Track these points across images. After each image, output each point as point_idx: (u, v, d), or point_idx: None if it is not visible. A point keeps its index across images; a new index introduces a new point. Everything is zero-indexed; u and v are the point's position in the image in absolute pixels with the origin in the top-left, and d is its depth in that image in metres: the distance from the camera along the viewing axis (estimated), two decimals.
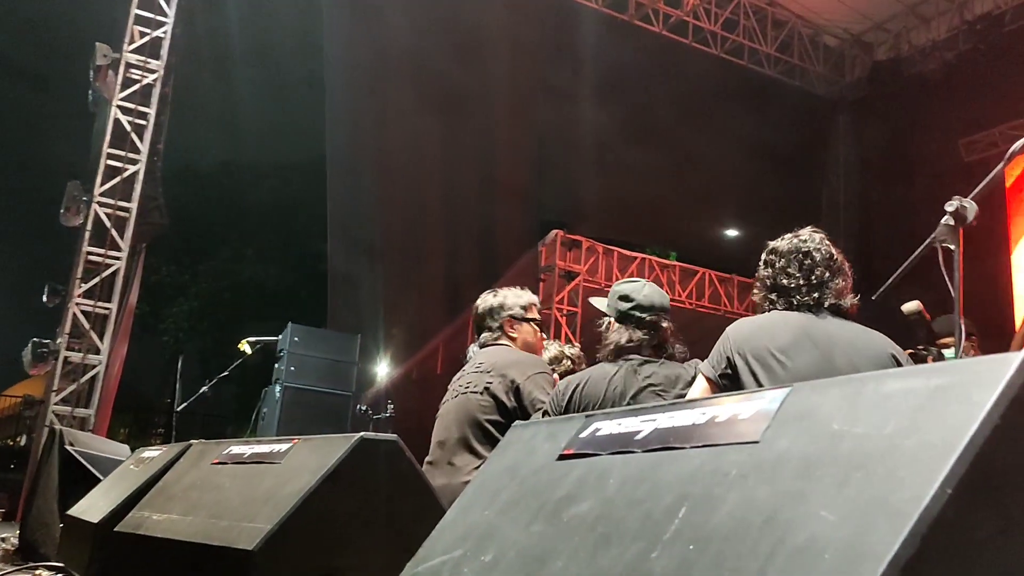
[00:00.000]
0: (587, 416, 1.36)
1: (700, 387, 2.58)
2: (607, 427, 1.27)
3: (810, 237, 2.65)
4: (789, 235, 2.69)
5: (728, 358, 2.51)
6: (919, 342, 3.51)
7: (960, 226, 2.58)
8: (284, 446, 2.24)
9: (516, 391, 3.17)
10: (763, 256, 2.69)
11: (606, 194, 12.91)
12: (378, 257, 13.13)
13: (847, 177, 13.22)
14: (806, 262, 2.58)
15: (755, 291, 2.73)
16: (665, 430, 1.13)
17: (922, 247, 2.71)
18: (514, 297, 3.57)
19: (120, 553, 2.42)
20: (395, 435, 2.11)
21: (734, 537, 0.85)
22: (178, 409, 7.19)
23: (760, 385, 2.40)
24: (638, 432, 1.18)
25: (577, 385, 2.91)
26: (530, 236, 11.51)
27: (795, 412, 0.95)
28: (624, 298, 3.00)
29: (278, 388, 8.72)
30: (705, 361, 2.61)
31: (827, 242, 2.67)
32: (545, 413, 2.96)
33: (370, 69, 12.38)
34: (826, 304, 2.55)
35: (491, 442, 3.19)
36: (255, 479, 2.19)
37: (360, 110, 12.90)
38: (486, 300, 3.56)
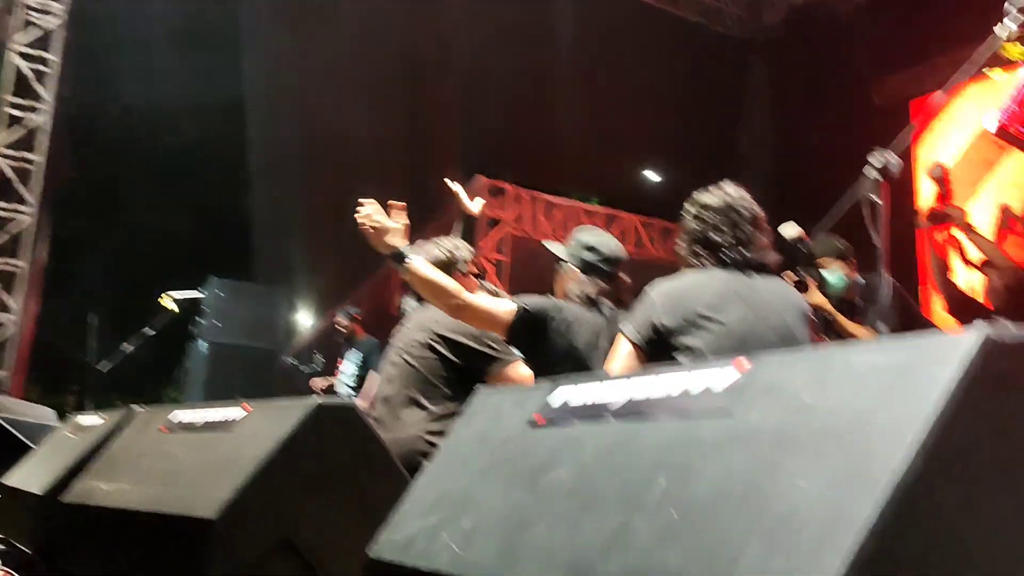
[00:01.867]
0: (553, 383, 1.40)
1: (625, 350, 2.55)
2: (576, 396, 1.32)
3: (738, 194, 2.71)
4: (716, 189, 2.73)
5: (654, 324, 2.52)
6: (799, 263, 3.65)
7: (884, 179, 2.70)
8: (237, 413, 2.23)
9: (459, 343, 3.21)
10: (692, 209, 2.72)
11: (527, 140, 12.90)
12: (302, 206, 12.90)
13: (763, 120, 13.49)
14: (733, 217, 2.64)
15: (681, 243, 2.77)
16: (638, 400, 1.18)
17: (846, 199, 2.84)
18: (458, 250, 3.54)
19: (68, 524, 2.39)
20: (352, 402, 2.13)
21: (715, 506, 0.91)
22: (103, 369, 7.02)
23: (692, 348, 2.46)
24: (610, 402, 1.23)
25: (573, 320, 2.92)
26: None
27: (764, 385, 1.01)
28: (590, 249, 3.06)
29: (202, 344, 8.59)
30: (628, 324, 2.60)
31: (750, 199, 2.73)
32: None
33: (290, 13, 12.01)
34: (751, 261, 2.62)
35: (438, 397, 3.23)
36: (209, 447, 2.19)
37: (280, 54, 12.53)
38: (431, 253, 3.47)
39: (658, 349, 2.51)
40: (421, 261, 2.99)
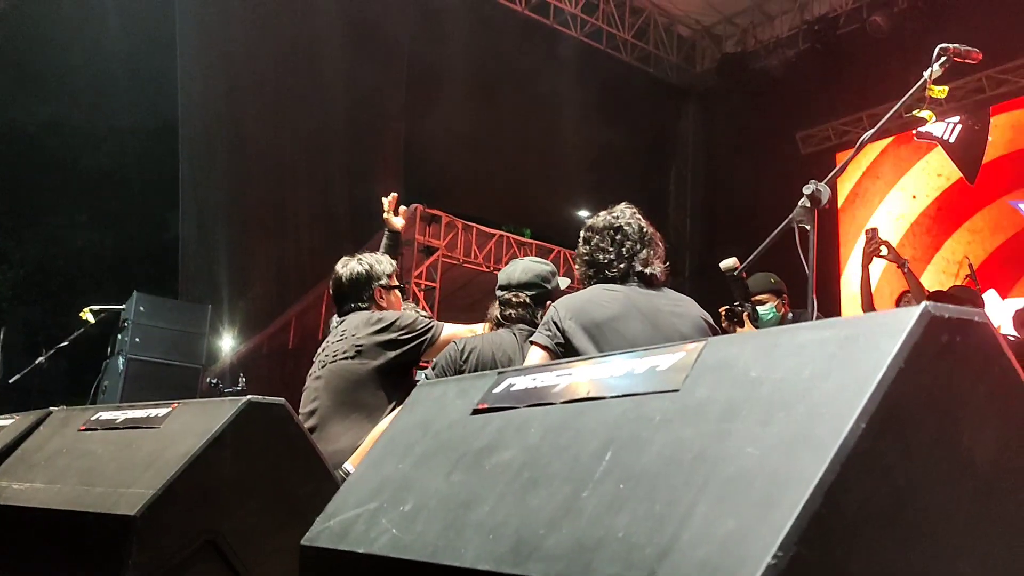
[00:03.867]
0: (499, 373, 1.40)
1: (538, 355, 2.61)
2: (521, 382, 1.32)
3: (622, 212, 2.83)
4: (604, 212, 2.86)
5: (562, 330, 2.58)
6: (735, 298, 3.75)
7: (815, 208, 2.80)
8: (162, 410, 2.16)
9: (389, 340, 3.19)
10: (581, 234, 2.84)
11: (464, 172, 12.96)
12: (232, 227, 12.66)
13: (695, 163, 13.85)
14: (617, 237, 2.75)
15: (576, 267, 2.90)
16: (583, 383, 1.19)
17: (781, 227, 2.93)
18: (379, 265, 3.53)
19: None
20: (283, 399, 2.09)
21: (664, 474, 0.93)
22: (10, 381, 6.72)
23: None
24: (554, 385, 1.24)
25: (472, 348, 3.01)
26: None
27: (713, 362, 1.03)
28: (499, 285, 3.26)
29: (121, 360, 8.29)
30: (538, 333, 2.67)
31: (638, 216, 2.84)
32: (436, 366, 3.03)
33: (227, 36, 11.87)
34: (633, 274, 2.70)
35: (364, 408, 3.19)
36: (132, 444, 2.11)
37: (216, 77, 12.34)
38: (351, 267, 3.44)
39: (567, 353, 2.55)
40: None
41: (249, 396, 2.02)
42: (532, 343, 2.64)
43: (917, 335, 0.84)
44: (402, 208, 4.15)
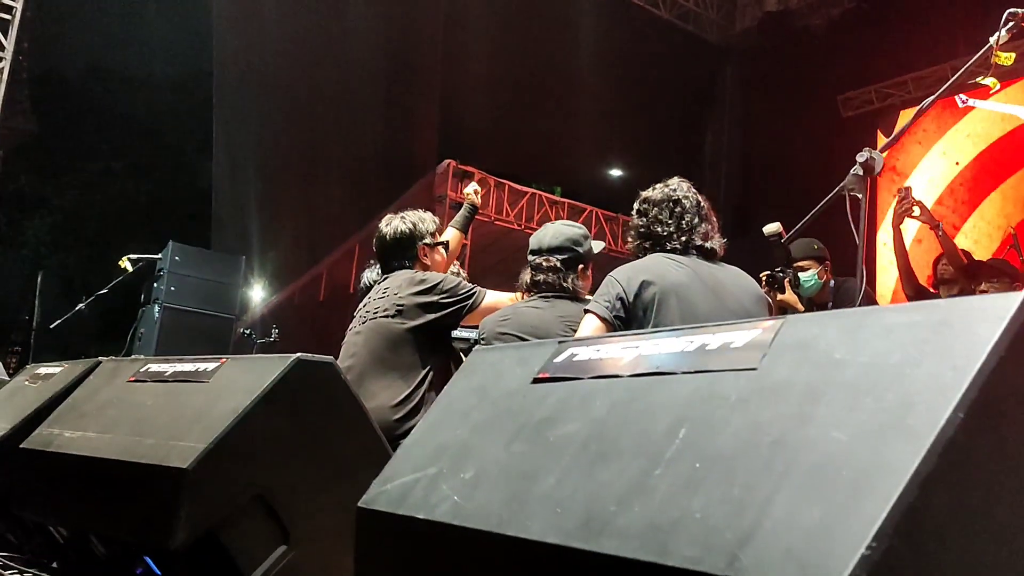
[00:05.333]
0: (560, 342, 1.39)
1: (593, 325, 2.54)
2: (584, 352, 1.31)
3: (679, 186, 2.78)
4: (660, 185, 2.81)
5: (622, 299, 2.52)
6: (776, 263, 3.70)
7: (868, 176, 2.73)
8: (211, 365, 2.18)
9: (431, 302, 3.18)
10: (636, 205, 2.80)
11: (497, 128, 12.86)
12: (265, 178, 12.68)
13: (731, 124, 13.62)
14: (676, 209, 2.70)
15: (629, 239, 2.84)
16: (651, 356, 1.17)
17: (832, 194, 2.87)
18: (423, 223, 3.51)
19: (27, 471, 2.31)
20: (331, 357, 2.09)
21: (742, 457, 0.91)
22: (50, 327, 6.83)
23: (659, 326, 2.47)
24: (620, 358, 1.22)
25: (507, 318, 2.99)
26: (424, 165, 11.38)
27: (792, 342, 1.01)
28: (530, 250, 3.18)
29: (157, 308, 8.39)
30: (596, 302, 2.59)
31: (694, 190, 2.80)
32: (477, 341, 3.02)
33: None
34: (693, 247, 2.66)
35: (400, 368, 3.20)
36: (181, 398, 2.13)
37: (252, 27, 12.27)
38: (394, 225, 3.43)
39: (626, 327, 2.52)
40: None
41: (298, 354, 2.02)
42: (587, 311, 2.58)
43: (1019, 322, 0.81)
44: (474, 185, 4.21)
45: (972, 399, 0.78)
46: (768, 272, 3.69)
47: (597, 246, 3.35)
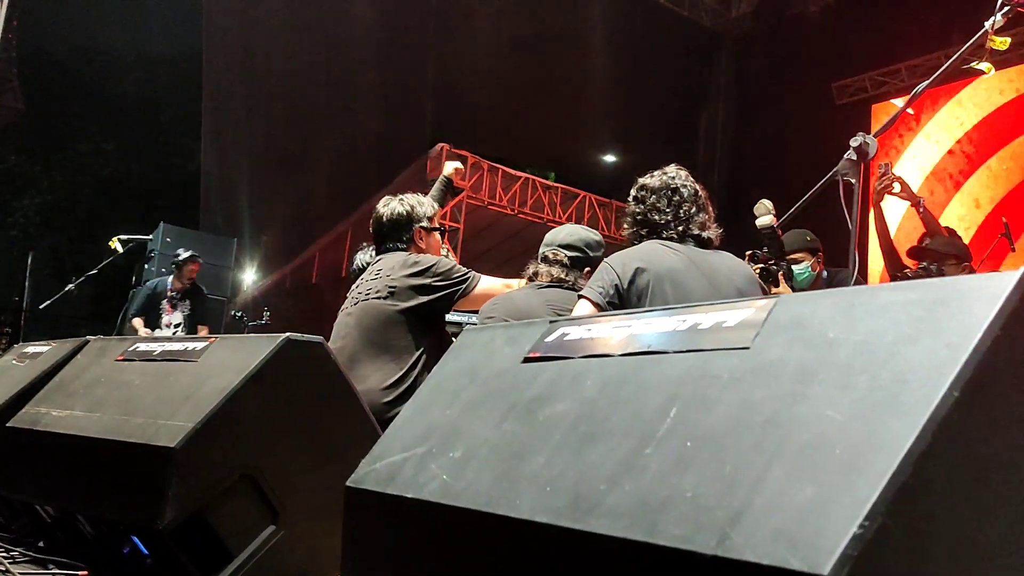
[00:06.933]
0: (551, 322, 1.38)
1: (586, 311, 2.54)
2: (575, 332, 1.30)
3: (677, 174, 2.76)
4: (658, 172, 2.79)
5: (616, 286, 2.52)
6: (770, 255, 3.69)
7: (862, 161, 2.72)
8: (200, 344, 2.16)
9: (423, 285, 3.16)
10: (633, 192, 2.78)
11: (491, 113, 12.81)
12: (255, 160, 12.61)
13: (726, 110, 13.60)
14: (674, 198, 2.69)
15: (624, 226, 2.82)
16: (643, 335, 1.16)
17: (825, 179, 2.86)
18: (421, 206, 3.49)
19: (14, 450, 2.30)
20: (321, 337, 2.08)
21: (733, 435, 0.90)
22: (40, 307, 6.79)
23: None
24: (611, 337, 1.21)
25: (496, 303, 3.02)
26: (417, 149, 11.33)
27: (785, 321, 1.00)
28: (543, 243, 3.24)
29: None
30: (589, 288, 2.61)
31: (692, 179, 2.79)
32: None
33: None
34: (690, 236, 2.66)
35: (392, 350, 3.18)
36: (170, 377, 2.11)
37: (241, 6, 12.18)
38: (391, 207, 3.40)
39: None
40: None
41: (288, 334, 2.01)
42: (581, 296, 2.58)
43: (1015, 301, 0.80)
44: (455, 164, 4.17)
45: (967, 378, 0.77)
46: (761, 266, 3.67)
47: None
